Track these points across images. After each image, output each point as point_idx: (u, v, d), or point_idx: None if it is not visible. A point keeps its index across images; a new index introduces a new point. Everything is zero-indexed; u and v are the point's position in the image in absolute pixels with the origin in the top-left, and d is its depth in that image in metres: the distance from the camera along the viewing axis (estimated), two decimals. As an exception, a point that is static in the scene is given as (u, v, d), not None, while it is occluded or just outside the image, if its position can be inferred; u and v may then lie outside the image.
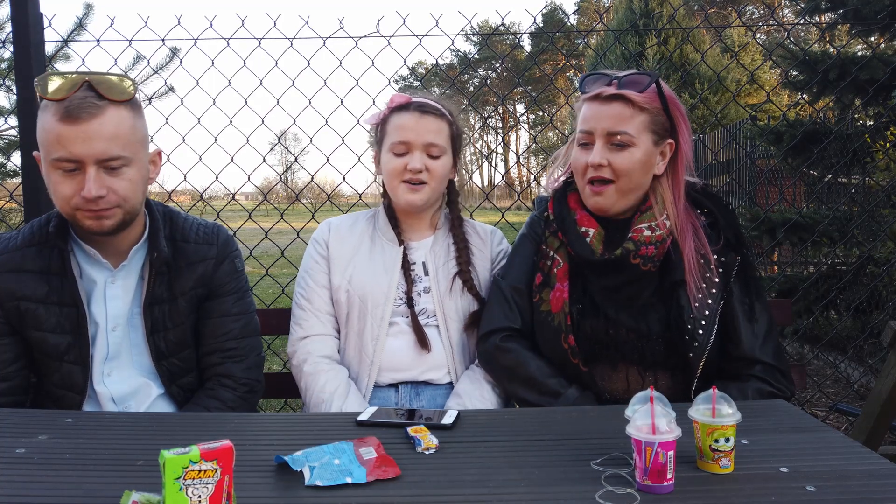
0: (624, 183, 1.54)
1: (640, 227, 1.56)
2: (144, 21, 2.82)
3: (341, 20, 2.86)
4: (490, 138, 49.02)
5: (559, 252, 1.64)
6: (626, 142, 1.52)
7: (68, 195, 1.41)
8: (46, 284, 1.51)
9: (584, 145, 1.57)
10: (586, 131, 1.56)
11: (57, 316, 1.51)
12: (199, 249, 1.62)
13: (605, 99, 1.54)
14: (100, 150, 1.39)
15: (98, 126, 1.38)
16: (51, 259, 1.52)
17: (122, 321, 1.56)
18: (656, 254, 1.56)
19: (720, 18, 21.45)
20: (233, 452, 0.93)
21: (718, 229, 1.59)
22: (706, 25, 7.42)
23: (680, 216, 1.57)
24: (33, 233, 1.55)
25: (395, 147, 1.71)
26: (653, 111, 1.54)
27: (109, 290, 1.55)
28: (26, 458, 1.14)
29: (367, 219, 1.86)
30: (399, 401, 1.70)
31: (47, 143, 1.39)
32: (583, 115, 1.58)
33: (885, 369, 2.26)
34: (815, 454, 1.14)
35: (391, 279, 1.73)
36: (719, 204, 1.65)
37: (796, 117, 4.62)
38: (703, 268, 1.55)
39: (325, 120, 2.94)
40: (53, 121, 1.37)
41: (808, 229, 3.68)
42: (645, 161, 1.54)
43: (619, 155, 1.52)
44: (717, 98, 12.32)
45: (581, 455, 1.13)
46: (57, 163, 1.39)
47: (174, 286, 1.58)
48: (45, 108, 1.40)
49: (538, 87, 26.90)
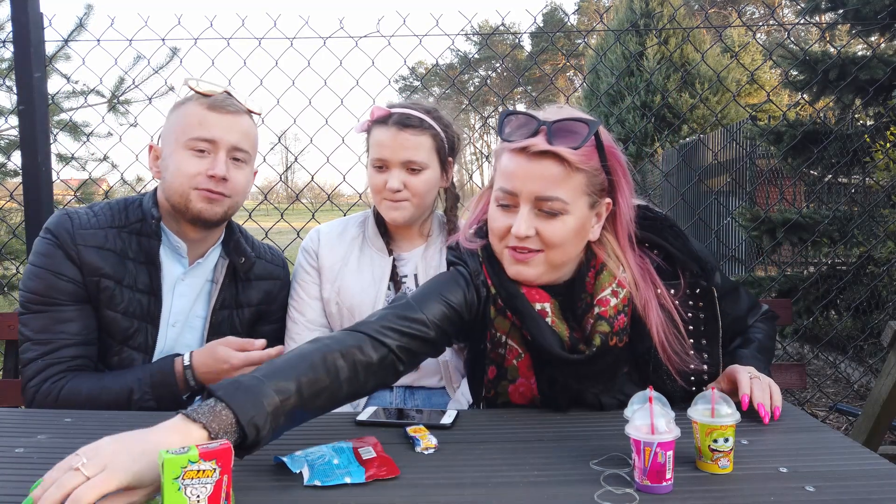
0: (555, 255, 1.28)
1: (605, 298, 1.32)
2: (145, 21, 2.82)
3: (341, 20, 2.87)
4: (490, 138, 49.03)
5: (513, 337, 1.35)
6: (559, 209, 1.25)
7: (193, 172, 1.51)
8: (124, 268, 1.54)
9: (506, 206, 1.29)
10: (509, 192, 1.27)
11: (130, 300, 1.54)
12: (269, 268, 1.73)
13: (534, 154, 1.24)
14: (234, 140, 1.54)
15: (238, 120, 1.56)
16: (137, 244, 1.56)
17: (181, 319, 1.60)
18: (627, 322, 1.33)
19: (720, 18, 21.44)
20: (231, 452, 0.93)
21: (674, 263, 1.38)
22: (706, 25, 7.42)
23: (635, 265, 1.35)
24: (113, 214, 1.58)
25: (374, 162, 1.69)
26: (590, 171, 1.27)
27: (179, 287, 1.60)
28: (25, 458, 1.14)
29: (357, 225, 1.82)
30: (394, 401, 1.70)
31: (187, 125, 1.53)
32: (505, 170, 1.28)
33: (885, 369, 2.26)
34: (814, 454, 1.14)
35: (379, 291, 1.71)
36: (667, 234, 1.40)
37: (796, 117, 4.62)
38: (677, 323, 1.34)
39: (326, 120, 2.94)
40: (199, 108, 1.53)
41: (808, 229, 3.68)
42: (579, 229, 1.28)
43: (549, 224, 1.26)
44: (717, 98, 12.33)
45: (580, 455, 1.13)
46: (193, 142, 1.52)
47: (241, 295, 1.66)
48: (187, 102, 1.56)
49: (538, 87, 26.89)
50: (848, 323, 4.05)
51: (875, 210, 3.75)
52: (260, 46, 2.82)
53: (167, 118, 1.61)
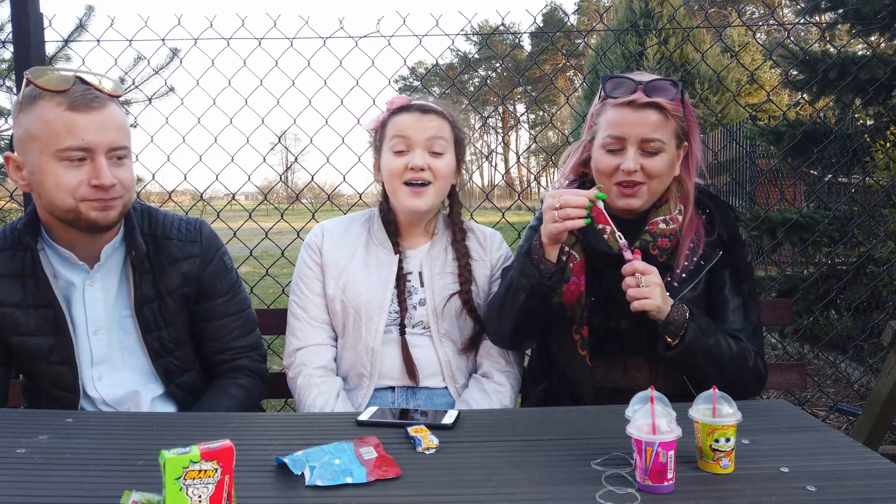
0: (655, 185, 1.59)
1: (656, 221, 1.63)
2: (145, 21, 2.82)
3: (341, 20, 2.87)
4: (490, 138, 49.05)
5: (574, 248, 1.66)
6: (659, 148, 1.56)
7: (73, 185, 1.39)
8: (21, 287, 1.50)
9: (614, 151, 1.59)
10: (618, 137, 1.57)
11: (35, 318, 1.50)
12: (183, 247, 1.59)
13: (639, 106, 1.56)
14: (111, 139, 1.40)
15: (109, 116, 1.40)
16: (23, 261, 1.50)
17: (104, 324, 1.54)
18: (670, 246, 1.62)
19: (720, 18, 21.45)
20: (233, 452, 0.93)
21: (714, 227, 1.65)
22: (706, 25, 7.41)
23: (692, 212, 1.65)
24: (5, 236, 1.53)
25: (395, 145, 1.67)
26: (678, 118, 1.60)
27: (88, 293, 1.53)
28: (27, 458, 1.14)
29: (361, 223, 1.81)
30: (395, 400, 1.70)
31: (52, 133, 1.36)
32: (612, 121, 1.59)
33: (886, 369, 2.26)
34: (815, 454, 1.14)
35: (386, 290, 1.70)
36: (719, 203, 1.71)
37: (796, 117, 4.62)
38: (691, 254, 1.62)
39: (326, 120, 2.93)
40: (59, 111, 1.36)
41: (808, 229, 3.68)
42: (671, 164, 1.61)
43: (651, 160, 1.57)
44: (717, 98, 12.33)
45: (581, 455, 1.13)
46: (64, 152, 1.37)
47: (159, 285, 1.56)
48: (40, 101, 1.37)
49: (538, 87, 26.90)
50: (848, 323, 4.05)
51: (875, 210, 3.74)
52: (260, 47, 2.82)
53: (17, 122, 1.40)
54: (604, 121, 1.62)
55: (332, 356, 1.75)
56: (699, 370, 1.52)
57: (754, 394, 1.63)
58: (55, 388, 1.54)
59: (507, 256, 1.82)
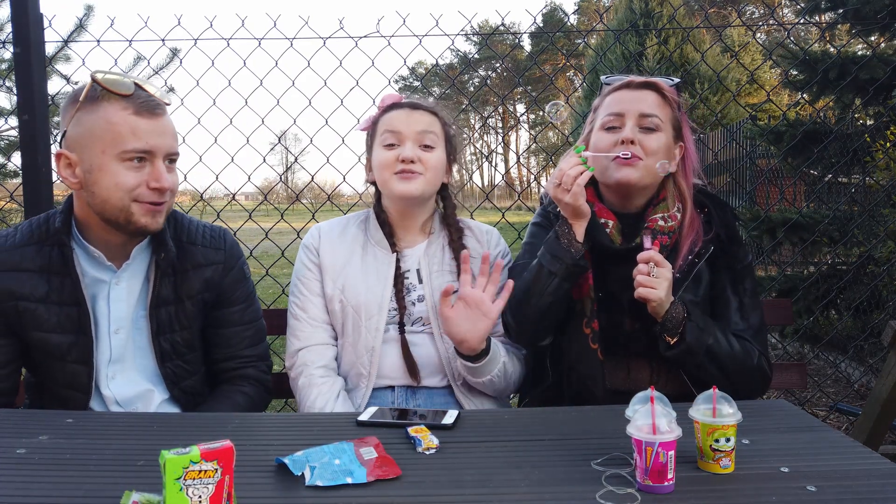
0: (650, 162, 1.59)
1: (655, 218, 1.64)
2: (144, 21, 2.82)
3: (341, 20, 2.87)
4: (490, 138, 49.06)
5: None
6: (656, 126, 1.59)
7: (132, 185, 1.43)
8: (46, 283, 1.51)
9: (612, 129, 1.62)
10: (616, 113, 1.61)
11: (57, 315, 1.51)
12: (207, 253, 1.62)
13: (637, 86, 1.63)
14: (168, 145, 1.47)
15: (167, 123, 1.48)
16: (51, 257, 1.51)
17: (125, 324, 1.56)
18: (670, 244, 1.63)
19: (720, 18, 21.44)
20: (233, 453, 0.93)
21: (712, 226, 1.66)
22: (706, 25, 7.42)
23: (691, 211, 1.66)
24: (32, 231, 1.54)
25: (386, 139, 1.69)
26: (674, 109, 1.65)
27: (114, 292, 1.55)
28: (27, 458, 1.14)
29: (357, 224, 1.82)
30: (395, 400, 1.70)
31: (116, 134, 1.41)
32: (610, 101, 1.64)
33: (886, 369, 2.26)
34: (815, 454, 1.14)
35: (384, 289, 1.71)
36: (717, 202, 1.72)
37: (796, 117, 4.61)
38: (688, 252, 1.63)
39: (326, 120, 2.94)
40: (125, 114, 1.42)
41: (808, 229, 3.68)
42: (667, 149, 1.62)
43: (648, 137, 1.59)
44: (717, 98, 12.33)
45: (582, 455, 1.13)
46: (128, 153, 1.42)
47: (180, 288, 1.58)
48: (104, 102, 1.41)
49: (538, 87, 26.89)
50: (848, 322, 4.05)
51: (875, 210, 3.74)
52: (260, 47, 2.82)
53: (77, 121, 1.44)
54: (604, 105, 1.66)
55: (334, 355, 1.75)
56: (702, 369, 1.52)
57: (759, 393, 1.63)
58: (67, 387, 1.54)
59: (505, 252, 1.83)
